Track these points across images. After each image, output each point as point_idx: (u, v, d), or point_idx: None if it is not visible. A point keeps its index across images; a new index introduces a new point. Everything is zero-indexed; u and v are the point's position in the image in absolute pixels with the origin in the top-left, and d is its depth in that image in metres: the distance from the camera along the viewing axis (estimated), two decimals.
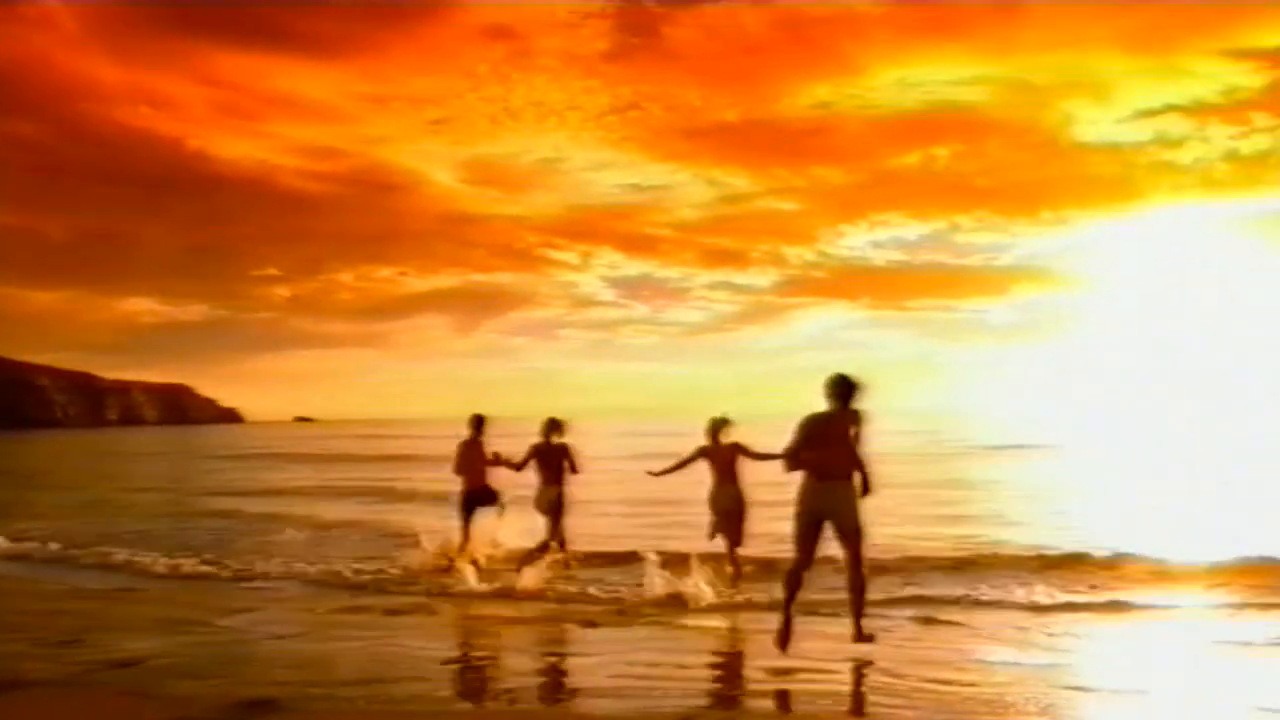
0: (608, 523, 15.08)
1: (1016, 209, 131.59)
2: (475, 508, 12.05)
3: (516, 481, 12.00)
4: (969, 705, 6.13)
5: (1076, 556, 11.27)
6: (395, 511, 18.49)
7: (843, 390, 7.18)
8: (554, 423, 11.32)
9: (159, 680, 6.88)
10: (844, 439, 7.15)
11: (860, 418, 7.19)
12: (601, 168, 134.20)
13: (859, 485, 7.20)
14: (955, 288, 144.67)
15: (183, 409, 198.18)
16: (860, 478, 7.21)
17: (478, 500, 12.09)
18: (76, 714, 6.24)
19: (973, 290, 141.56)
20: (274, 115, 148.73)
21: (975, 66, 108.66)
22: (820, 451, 7.08)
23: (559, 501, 11.23)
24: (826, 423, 7.18)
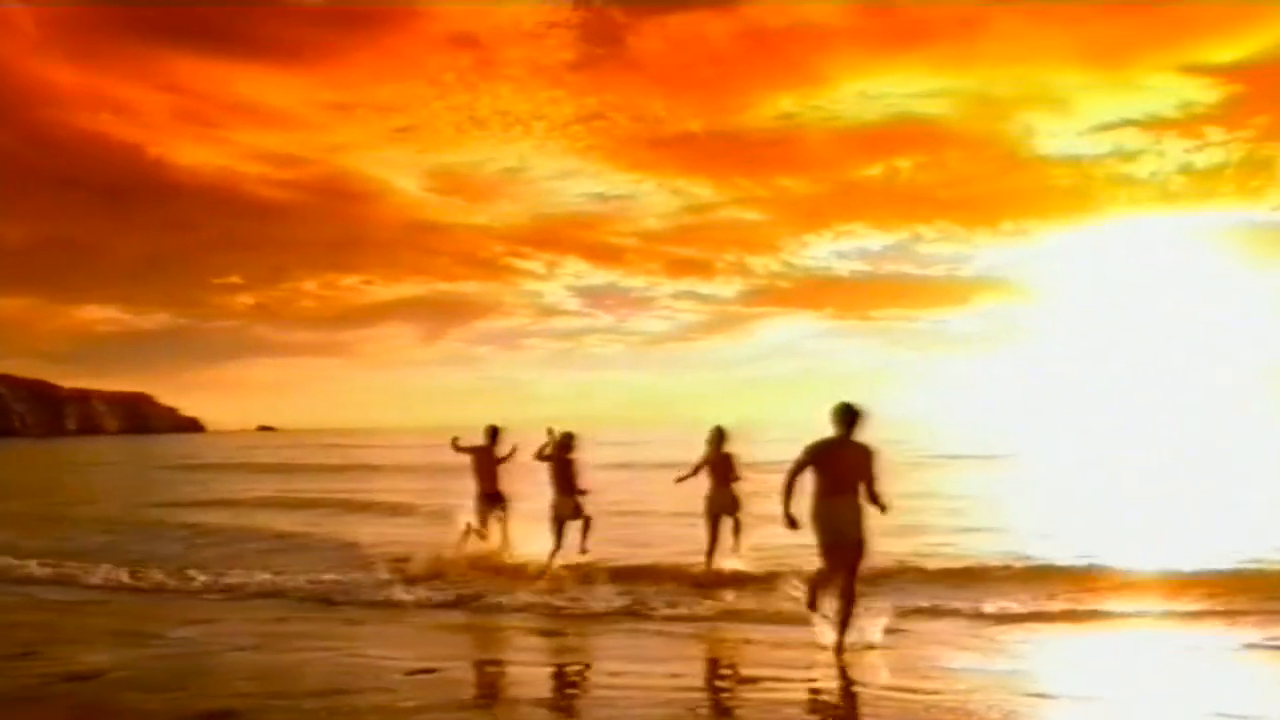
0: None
1: (977, 220, 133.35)
2: (489, 509, 12.71)
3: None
4: (933, 713, 6.16)
5: (1038, 566, 11.35)
6: (356, 523, 18.38)
7: (848, 417, 7.91)
8: (567, 437, 11.99)
9: (116, 693, 6.77)
10: (851, 462, 7.90)
11: (873, 453, 7.97)
12: (566, 177, 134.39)
13: (868, 503, 7.95)
14: (918, 298, 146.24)
15: (143, 418, 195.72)
16: (875, 501, 7.98)
17: (490, 502, 12.73)
18: None
19: (935, 300, 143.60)
20: (236, 122, 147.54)
21: (937, 79, 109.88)
22: (830, 473, 7.82)
23: (578, 512, 11.80)
24: (834, 447, 7.90)
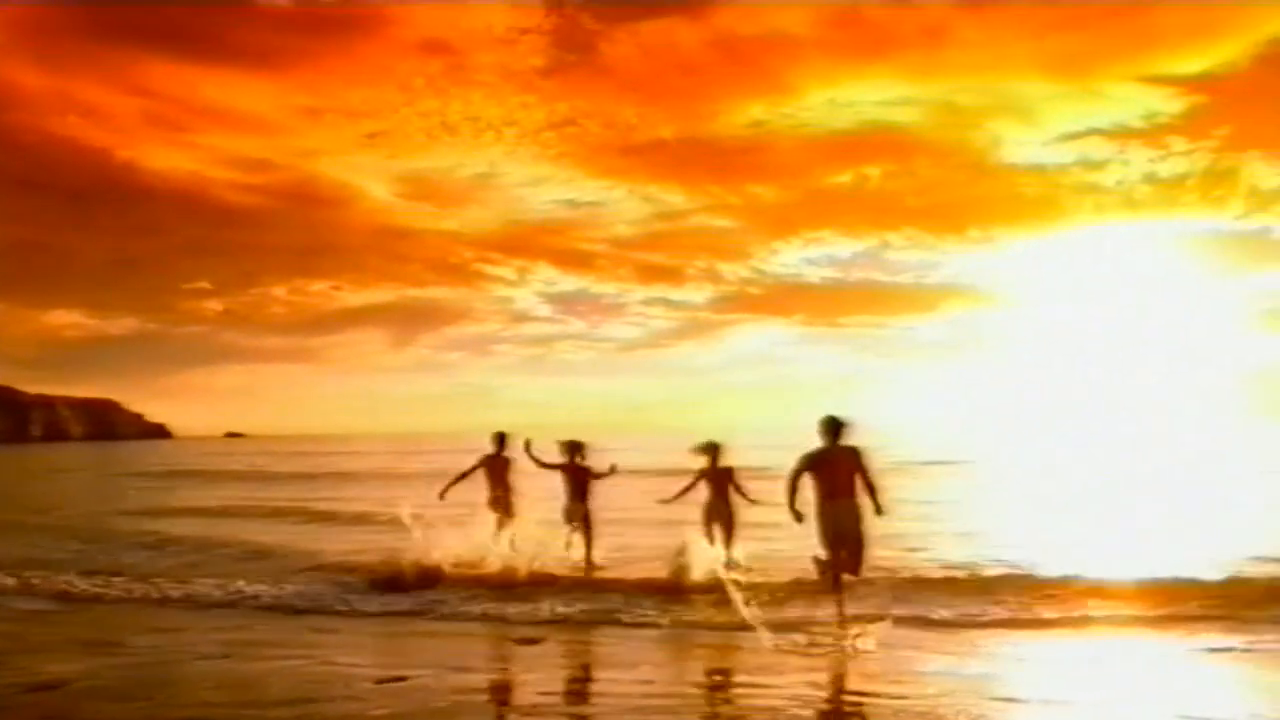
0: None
1: (945, 228, 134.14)
2: (498, 513, 12.83)
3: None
4: (901, 718, 6.20)
5: (1005, 573, 11.45)
6: (322, 531, 18.30)
7: (833, 428, 9.09)
8: (576, 445, 12.47)
9: (82, 703, 6.71)
10: (843, 468, 9.00)
11: (862, 453, 9.07)
12: (538, 183, 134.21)
13: (867, 504, 9.03)
14: (886, 305, 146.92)
15: (109, 424, 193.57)
16: (872, 500, 9.05)
17: (499, 508, 12.86)
18: None
19: (903, 307, 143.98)
20: (206, 126, 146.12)
21: (905, 88, 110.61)
22: (826, 478, 8.96)
23: (587, 518, 12.26)
24: (825, 455, 9.06)
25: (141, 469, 52.81)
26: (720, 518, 11.80)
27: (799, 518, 8.95)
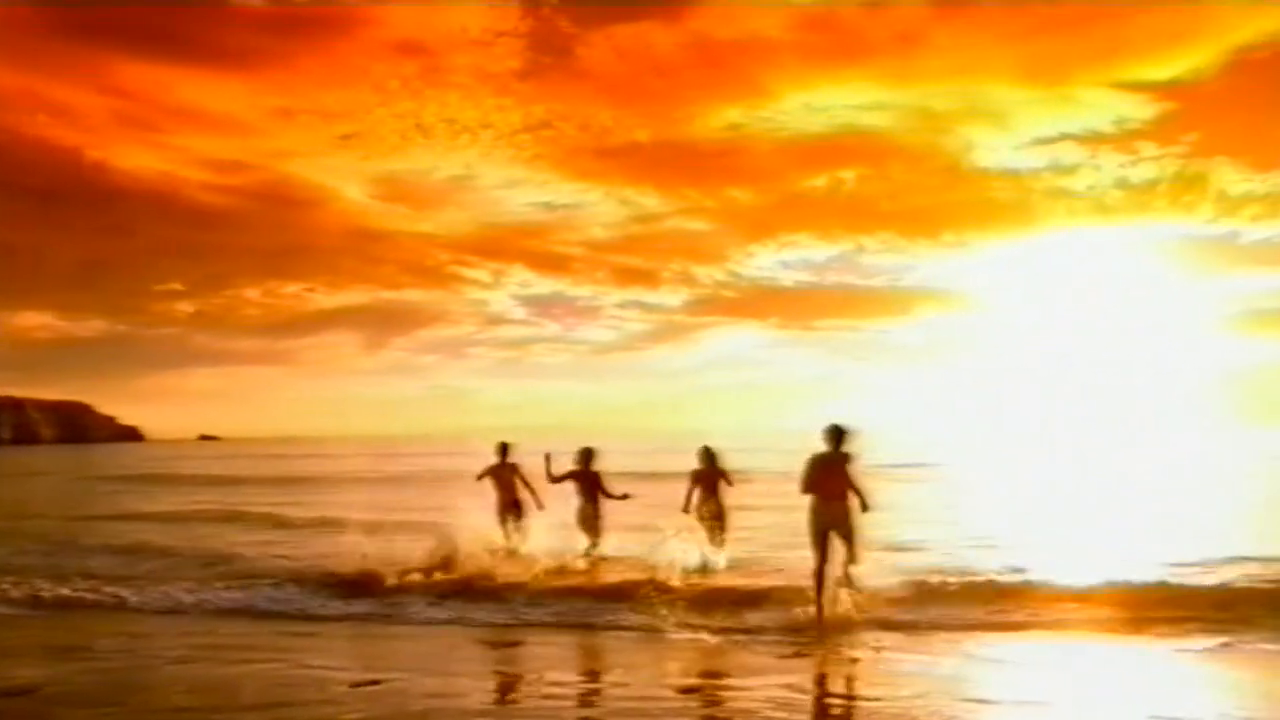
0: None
1: (920, 231, 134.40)
2: (508, 517, 13.47)
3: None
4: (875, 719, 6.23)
5: (978, 578, 11.42)
6: (293, 535, 18.15)
7: (835, 435, 9.75)
8: (588, 451, 13.04)
9: (53, 709, 6.64)
10: (841, 472, 9.66)
11: (851, 458, 9.72)
12: (513, 185, 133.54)
13: (857, 504, 9.65)
14: (861, 308, 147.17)
15: (80, 427, 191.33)
16: (859, 500, 9.63)
17: (508, 512, 13.49)
18: None
19: (877, 310, 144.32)
20: (178, 126, 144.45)
21: (879, 92, 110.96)
22: (823, 481, 9.64)
23: (599, 519, 12.84)
24: (825, 461, 9.72)
25: (112, 473, 52.31)
26: (711, 514, 12.33)
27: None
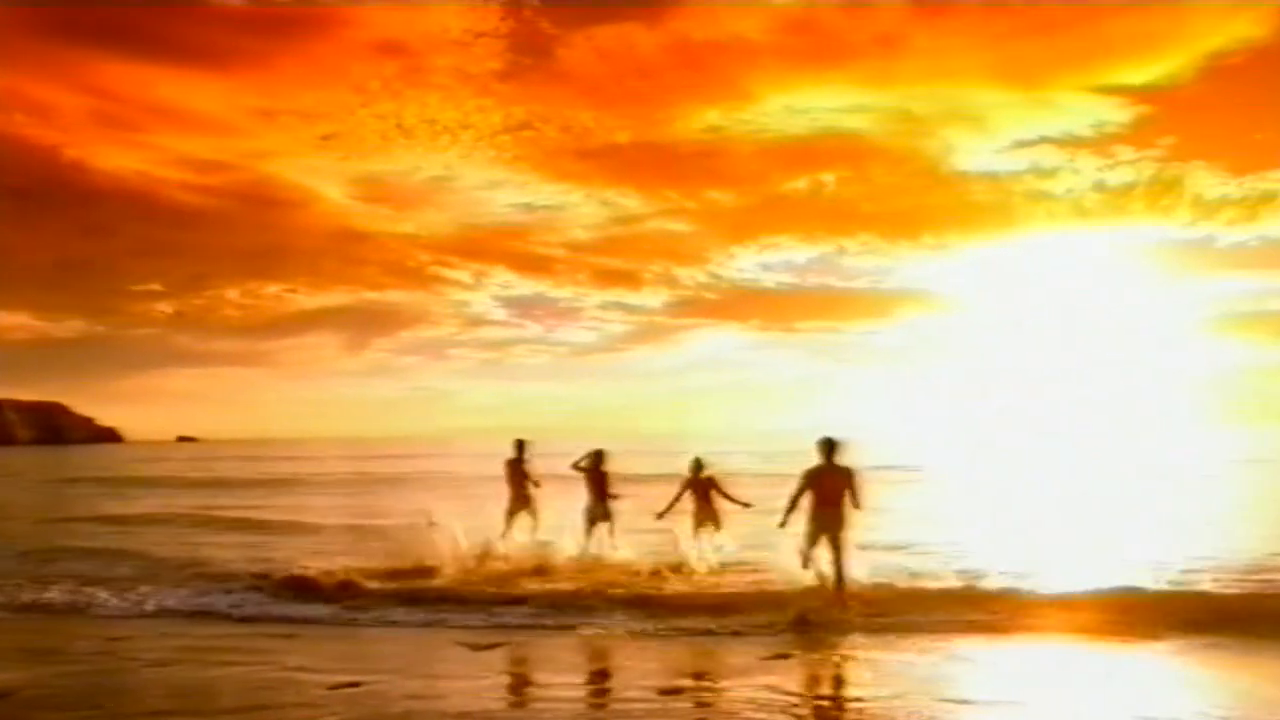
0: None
1: (900, 234, 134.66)
2: (518, 514, 14.00)
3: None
4: None
5: (959, 581, 11.43)
6: (270, 538, 18.08)
7: (829, 448, 10.46)
8: (599, 453, 13.76)
9: (29, 713, 6.58)
10: (835, 483, 10.41)
11: (852, 473, 10.42)
12: (494, 186, 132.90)
13: (851, 512, 10.38)
14: (842, 310, 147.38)
15: (58, 428, 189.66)
16: (854, 503, 10.38)
17: (520, 508, 14.03)
18: None
19: (858, 312, 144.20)
20: (157, 126, 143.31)
21: (860, 95, 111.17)
22: (818, 490, 10.43)
23: (608, 515, 13.54)
24: (820, 472, 10.46)
25: (89, 474, 51.91)
26: (708, 520, 13.04)
27: (784, 524, 10.57)
